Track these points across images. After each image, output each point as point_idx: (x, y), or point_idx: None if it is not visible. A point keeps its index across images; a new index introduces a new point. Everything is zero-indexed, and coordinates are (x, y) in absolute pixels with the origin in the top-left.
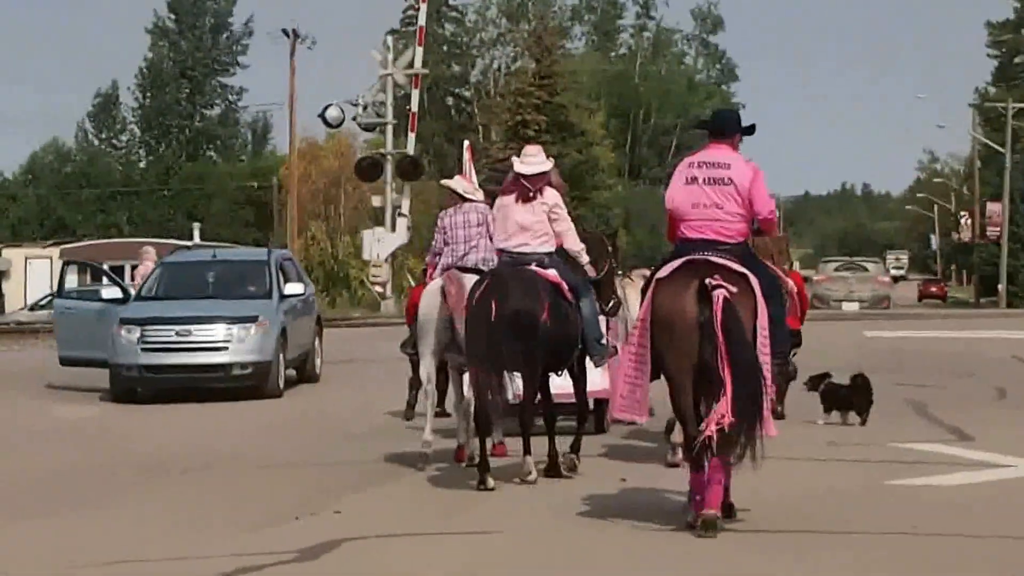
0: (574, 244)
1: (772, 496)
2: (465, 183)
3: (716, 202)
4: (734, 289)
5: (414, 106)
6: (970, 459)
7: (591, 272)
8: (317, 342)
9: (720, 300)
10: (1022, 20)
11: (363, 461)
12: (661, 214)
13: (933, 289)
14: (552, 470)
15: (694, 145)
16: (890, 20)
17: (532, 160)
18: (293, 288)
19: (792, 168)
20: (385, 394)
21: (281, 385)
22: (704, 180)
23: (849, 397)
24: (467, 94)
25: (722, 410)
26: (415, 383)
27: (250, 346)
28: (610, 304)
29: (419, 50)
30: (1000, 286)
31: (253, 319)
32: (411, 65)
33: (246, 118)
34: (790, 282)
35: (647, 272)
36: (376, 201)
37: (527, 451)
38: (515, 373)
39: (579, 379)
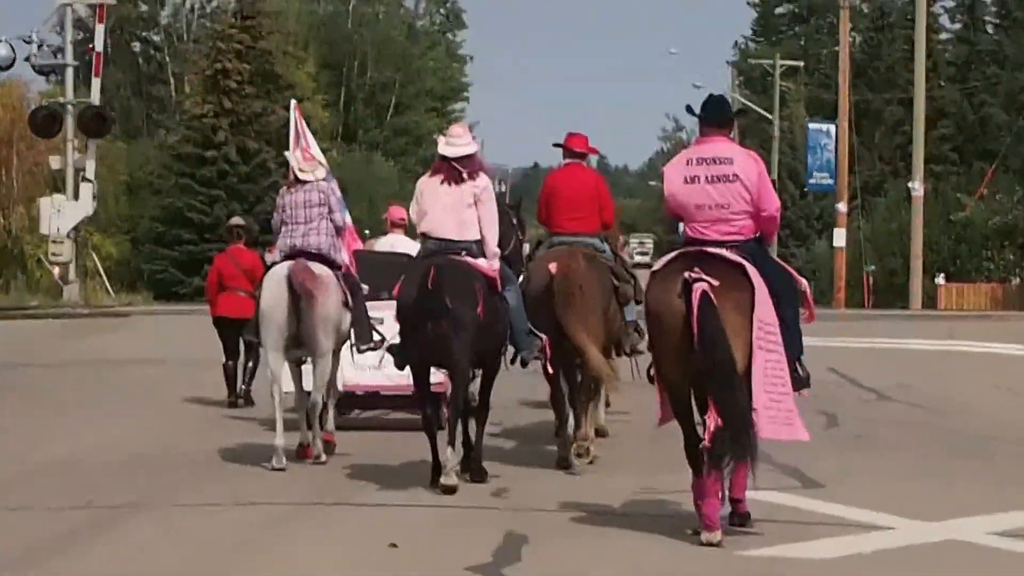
0: (492, 237)
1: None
2: (300, 159)
3: (720, 202)
4: (715, 282)
5: (98, 45)
6: (833, 516)
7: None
8: None
9: (698, 293)
10: None
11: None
12: (377, 185)
13: None
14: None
15: (414, 106)
16: None
17: (458, 142)
18: None
19: (520, 134)
20: (84, 412)
21: None
22: (707, 178)
23: None
24: (156, 39)
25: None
26: (232, 372)
27: None
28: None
29: None
30: None
31: None
32: None
33: None
34: (804, 282)
35: None
36: (55, 162)
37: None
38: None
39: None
